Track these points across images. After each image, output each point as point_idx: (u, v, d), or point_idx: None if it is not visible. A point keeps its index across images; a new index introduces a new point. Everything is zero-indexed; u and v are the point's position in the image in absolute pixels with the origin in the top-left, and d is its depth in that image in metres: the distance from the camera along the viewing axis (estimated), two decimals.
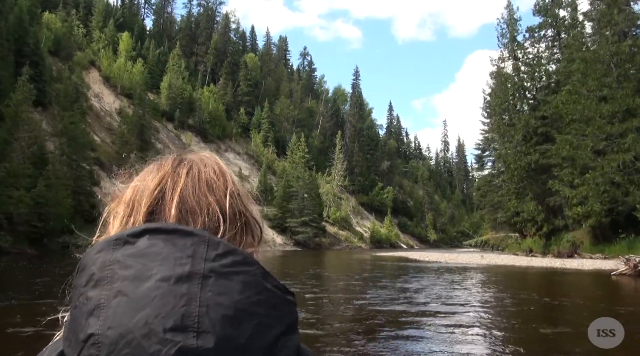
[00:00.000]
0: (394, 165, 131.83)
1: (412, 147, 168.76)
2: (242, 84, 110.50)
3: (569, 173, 38.94)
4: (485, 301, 15.36)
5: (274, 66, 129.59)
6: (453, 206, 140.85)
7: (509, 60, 50.68)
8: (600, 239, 39.50)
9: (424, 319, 11.60)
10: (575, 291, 18.83)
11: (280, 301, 0.77)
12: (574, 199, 37.96)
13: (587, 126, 36.96)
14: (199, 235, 0.77)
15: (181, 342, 0.67)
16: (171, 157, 0.97)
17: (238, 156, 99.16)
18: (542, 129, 45.76)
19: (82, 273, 0.76)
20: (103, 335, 0.69)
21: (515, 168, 46.72)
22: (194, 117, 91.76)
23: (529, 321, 11.47)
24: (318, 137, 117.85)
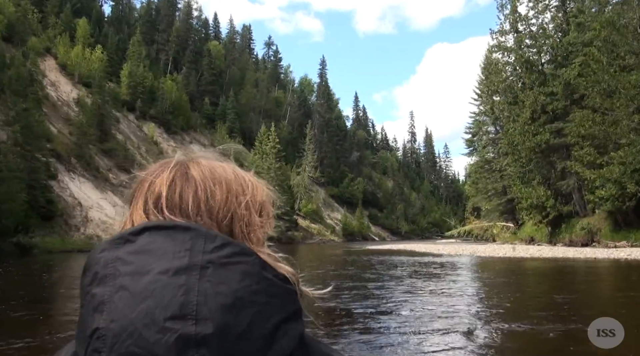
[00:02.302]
0: (363, 156, 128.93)
1: (379, 138, 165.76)
2: (206, 73, 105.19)
3: (590, 153, 35.62)
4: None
5: (239, 55, 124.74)
6: (422, 196, 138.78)
7: (510, 33, 47.11)
8: (622, 225, 36.10)
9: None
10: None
11: (280, 290, 0.77)
12: (597, 180, 34.56)
13: (611, 98, 33.77)
14: (197, 230, 0.79)
15: (180, 330, 0.69)
16: (176, 158, 0.96)
17: (203, 148, 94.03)
18: (552, 106, 42.15)
19: (87, 273, 0.79)
20: (107, 328, 0.71)
21: (523, 149, 42.96)
22: (156, 107, 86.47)
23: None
24: (286, 128, 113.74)
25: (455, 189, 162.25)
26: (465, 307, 12.09)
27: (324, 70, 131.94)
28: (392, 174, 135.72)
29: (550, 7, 45.76)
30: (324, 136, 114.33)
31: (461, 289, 15.84)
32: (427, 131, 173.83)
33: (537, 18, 46.10)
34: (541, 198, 42.40)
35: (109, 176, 64.05)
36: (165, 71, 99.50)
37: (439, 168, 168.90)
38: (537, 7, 45.60)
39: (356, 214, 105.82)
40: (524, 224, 54.62)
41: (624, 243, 33.67)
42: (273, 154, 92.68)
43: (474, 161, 69.19)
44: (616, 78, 33.27)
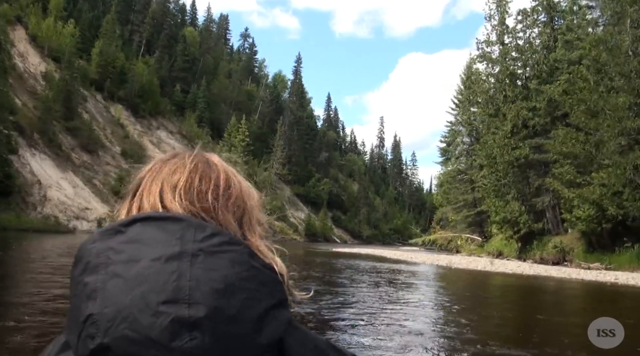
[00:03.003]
0: (331, 157, 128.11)
1: (348, 141, 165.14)
2: (179, 59, 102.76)
3: (570, 171, 35.12)
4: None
5: (214, 44, 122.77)
6: (386, 202, 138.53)
7: (496, 44, 46.48)
8: (595, 246, 35.63)
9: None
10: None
11: (268, 278, 0.81)
12: (575, 200, 34.07)
13: (596, 118, 33.31)
14: (188, 220, 0.82)
15: (174, 313, 0.72)
16: (180, 153, 1.00)
17: (171, 135, 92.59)
18: (533, 121, 41.67)
19: (78, 264, 0.80)
20: (100, 313, 0.73)
21: (501, 163, 42.36)
22: (125, 89, 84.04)
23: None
24: (257, 123, 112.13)
25: (419, 197, 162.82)
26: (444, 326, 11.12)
27: (298, 67, 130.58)
28: (359, 177, 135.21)
29: (538, 23, 45.34)
30: (294, 133, 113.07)
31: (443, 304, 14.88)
32: (396, 138, 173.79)
33: (524, 32, 45.68)
34: (515, 213, 41.84)
35: (71, 156, 61.82)
36: (137, 53, 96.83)
37: (404, 175, 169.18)
38: (526, 21, 45.15)
39: (320, 215, 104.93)
40: (492, 238, 54.23)
41: (598, 265, 33.14)
42: (241, 147, 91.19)
43: (447, 170, 68.77)
44: (604, 99, 32.78)
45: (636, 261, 31.08)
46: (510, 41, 45.94)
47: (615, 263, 32.43)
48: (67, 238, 39.88)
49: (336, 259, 34.50)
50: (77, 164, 61.78)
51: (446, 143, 69.30)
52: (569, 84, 36.91)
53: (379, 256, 43.00)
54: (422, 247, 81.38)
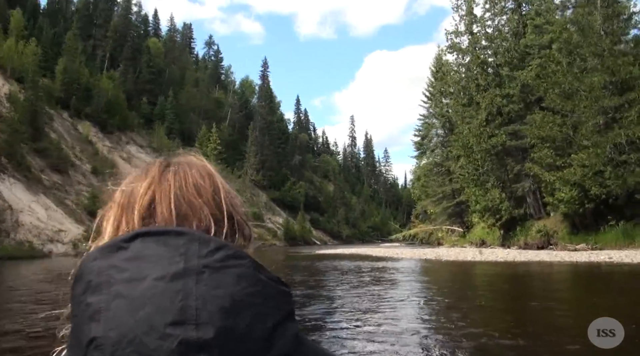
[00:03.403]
0: (305, 159, 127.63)
1: (320, 142, 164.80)
2: (145, 71, 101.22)
3: (549, 155, 35.01)
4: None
5: (179, 53, 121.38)
6: (363, 201, 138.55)
7: (466, 34, 46.28)
8: (579, 227, 35.57)
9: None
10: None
11: (275, 291, 0.78)
12: (557, 182, 33.90)
13: (572, 100, 33.31)
14: (190, 234, 0.80)
15: (182, 335, 0.69)
16: (158, 161, 0.98)
17: (141, 148, 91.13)
18: (508, 108, 41.64)
19: (79, 282, 0.78)
20: (105, 337, 0.71)
21: (478, 151, 42.20)
22: (92, 105, 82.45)
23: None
24: (227, 130, 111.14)
25: (395, 193, 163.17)
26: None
27: (265, 72, 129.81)
28: (334, 178, 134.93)
29: (506, 10, 45.31)
30: (266, 138, 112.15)
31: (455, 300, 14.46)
32: (367, 136, 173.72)
33: (493, 20, 45.63)
34: (496, 201, 41.77)
35: (41, 177, 60.34)
36: (102, 67, 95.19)
37: (378, 173, 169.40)
38: (494, 8, 45.08)
39: (298, 218, 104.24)
40: (473, 228, 54.22)
41: (584, 246, 33.13)
42: (214, 156, 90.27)
43: (423, 163, 68.66)
44: (579, 80, 32.83)
45: (622, 238, 31.19)
46: (479, 30, 45.85)
47: (601, 242, 32.51)
48: (43, 262, 38.81)
49: (320, 261, 34.00)
50: (47, 186, 60.38)
51: (420, 137, 69.19)
52: (541, 68, 36.96)
53: (363, 254, 42.50)
54: (403, 242, 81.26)
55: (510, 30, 44.10)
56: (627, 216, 32.37)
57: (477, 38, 45.54)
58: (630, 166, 30.22)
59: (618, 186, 30.38)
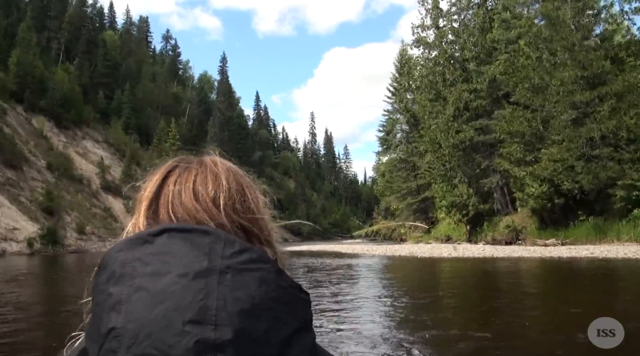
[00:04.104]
0: (265, 156, 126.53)
1: (280, 138, 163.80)
2: (101, 65, 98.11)
3: (518, 150, 34.95)
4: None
5: (135, 47, 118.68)
6: (323, 197, 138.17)
7: (432, 29, 45.89)
8: (548, 223, 35.55)
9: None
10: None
11: (295, 298, 0.78)
12: (526, 178, 33.87)
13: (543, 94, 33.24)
14: (216, 234, 0.79)
15: (199, 334, 0.69)
16: (169, 161, 0.97)
17: (97, 144, 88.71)
18: (476, 103, 41.46)
19: (103, 271, 0.79)
20: (124, 328, 0.71)
21: (446, 147, 41.90)
22: (47, 99, 79.84)
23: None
24: (186, 125, 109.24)
25: (355, 190, 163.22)
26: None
27: (224, 67, 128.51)
28: (294, 174, 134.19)
29: (472, 4, 45.21)
30: (225, 134, 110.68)
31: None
32: (327, 133, 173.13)
33: (459, 14, 45.49)
34: (463, 196, 41.66)
35: None
36: (57, 60, 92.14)
37: (338, 169, 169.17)
38: (460, 3, 44.95)
39: None
40: (438, 224, 54.12)
41: (553, 241, 33.11)
42: (173, 152, 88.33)
43: (388, 159, 68.36)
44: (550, 74, 32.78)
45: (594, 233, 31.18)
46: (445, 24, 45.64)
47: (571, 237, 32.56)
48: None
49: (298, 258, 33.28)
50: (1, 182, 58.19)
51: (385, 132, 68.91)
52: (509, 63, 36.88)
53: (332, 252, 41.83)
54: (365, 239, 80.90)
55: (477, 25, 43.90)
56: (597, 211, 32.51)
57: (443, 32, 45.30)
58: (602, 161, 30.22)
59: (589, 181, 30.39)
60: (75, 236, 60.65)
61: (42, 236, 54.31)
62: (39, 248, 52.46)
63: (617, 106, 29.72)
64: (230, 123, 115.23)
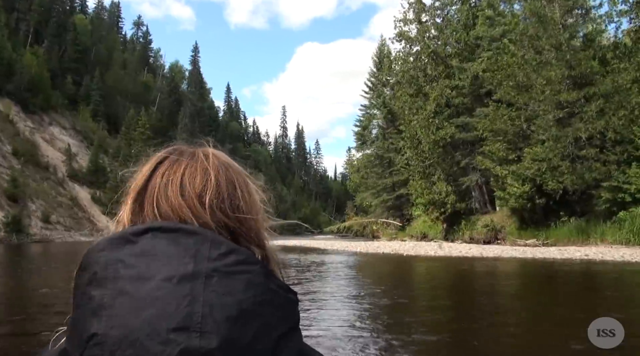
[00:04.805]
0: (236, 148, 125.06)
1: (251, 131, 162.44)
2: (70, 49, 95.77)
3: (501, 148, 34.60)
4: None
5: (106, 32, 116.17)
6: (293, 192, 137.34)
7: (414, 23, 45.13)
8: (528, 223, 35.20)
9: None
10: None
11: (283, 301, 0.76)
12: (508, 177, 33.42)
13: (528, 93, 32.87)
14: (202, 234, 0.77)
15: (184, 343, 0.67)
16: (160, 153, 0.93)
17: (64, 130, 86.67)
18: (458, 100, 40.84)
19: (84, 272, 0.76)
20: (106, 335, 0.68)
21: (426, 143, 41.14)
22: (14, 82, 77.48)
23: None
24: (156, 115, 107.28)
25: (325, 185, 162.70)
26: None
27: (196, 57, 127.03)
28: (265, 168, 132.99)
29: (456, 0, 44.74)
30: (196, 125, 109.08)
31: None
32: (299, 127, 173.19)
33: (442, 10, 44.96)
34: (442, 194, 41.11)
35: None
36: (25, 43, 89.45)
37: (309, 164, 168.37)
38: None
39: None
40: (413, 221, 53.68)
41: (534, 241, 32.81)
42: (142, 142, 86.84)
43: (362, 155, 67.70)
44: (537, 72, 32.41)
45: (576, 234, 30.89)
46: (427, 19, 45.06)
47: (552, 238, 32.26)
48: None
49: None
50: None
51: (361, 127, 68.22)
52: (493, 60, 36.47)
53: (309, 247, 40.91)
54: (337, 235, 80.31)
55: (461, 20, 43.40)
56: (578, 212, 32.28)
57: (426, 27, 44.71)
58: (588, 162, 29.92)
59: (574, 182, 30.09)
60: (40, 225, 58.91)
61: (6, 223, 52.61)
62: (3, 236, 50.79)
63: (605, 106, 29.43)
64: (201, 114, 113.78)
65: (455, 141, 41.16)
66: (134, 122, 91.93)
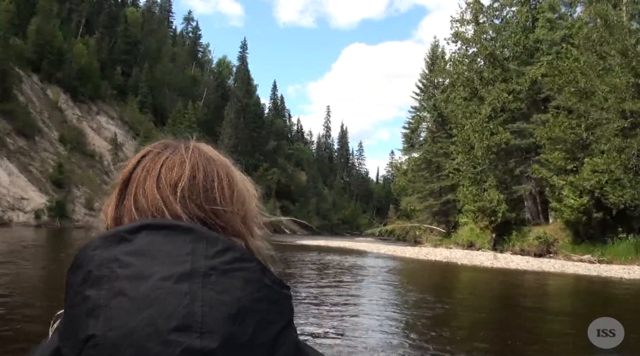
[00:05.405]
0: (279, 146, 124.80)
1: (295, 130, 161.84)
2: (120, 41, 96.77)
3: (559, 157, 33.07)
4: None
5: (157, 26, 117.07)
6: (334, 192, 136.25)
7: (471, 24, 43.88)
8: (583, 237, 33.61)
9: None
10: None
11: (279, 296, 0.76)
12: (566, 188, 31.87)
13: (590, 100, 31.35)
14: (198, 231, 0.76)
15: (185, 343, 0.67)
16: (146, 148, 0.92)
17: (111, 120, 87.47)
18: (515, 105, 39.21)
19: (77, 271, 0.74)
20: (104, 336, 0.67)
21: (479, 148, 39.67)
22: (64, 70, 78.27)
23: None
24: (202, 109, 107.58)
25: (367, 187, 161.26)
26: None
27: (244, 53, 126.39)
28: (307, 167, 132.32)
29: (515, 1, 43.20)
30: (241, 121, 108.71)
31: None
32: (343, 128, 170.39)
33: (500, 11, 43.50)
34: (493, 202, 39.55)
35: (6, 141, 56.73)
36: (76, 33, 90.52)
37: (351, 165, 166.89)
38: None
39: (269, 206, 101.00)
40: (459, 228, 52.18)
41: (589, 257, 31.22)
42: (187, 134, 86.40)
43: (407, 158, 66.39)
44: (600, 79, 30.82)
45: (635, 252, 29.22)
46: (484, 21, 43.64)
47: (608, 255, 30.58)
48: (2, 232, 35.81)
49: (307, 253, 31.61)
50: (12, 150, 56.77)
51: (410, 130, 66.88)
52: (553, 65, 35.07)
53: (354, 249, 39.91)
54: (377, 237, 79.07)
55: (520, 22, 41.84)
56: (636, 229, 30.63)
57: (483, 28, 43.29)
58: None
59: (635, 197, 28.47)
60: (83, 211, 59.30)
61: (50, 208, 52.97)
62: (46, 221, 51.16)
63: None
64: (247, 110, 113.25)
65: (510, 147, 39.61)
66: (181, 115, 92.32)
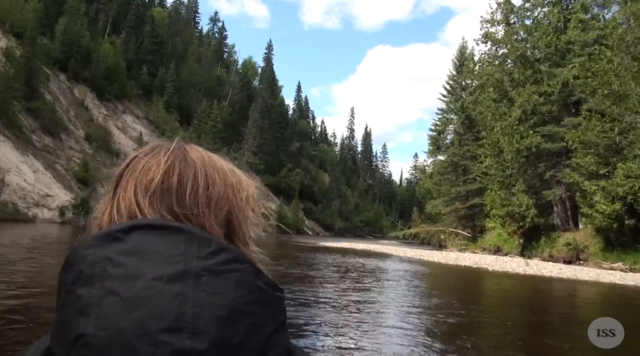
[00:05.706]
0: (303, 147, 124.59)
1: (319, 131, 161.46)
2: (147, 41, 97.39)
3: (592, 162, 32.23)
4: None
5: (183, 26, 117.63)
6: (357, 194, 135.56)
7: (502, 24, 43.08)
8: (614, 244, 32.76)
9: None
10: None
11: (272, 299, 0.76)
12: (597, 193, 31.10)
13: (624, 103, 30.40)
14: (190, 232, 0.76)
15: (175, 344, 0.66)
16: (142, 149, 0.92)
17: (137, 119, 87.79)
18: (545, 107, 38.33)
19: (70, 270, 0.74)
20: (94, 336, 0.67)
21: (509, 152, 38.91)
22: (90, 70, 78.81)
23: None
24: (227, 109, 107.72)
25: (390, 190, 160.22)
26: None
27: (270, 54, 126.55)
28: (330, 168, 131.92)
29: (547, 2, 42.26)
30: (266, 121, 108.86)
31: None
32: (367, 130, 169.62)
33: (532, 11, 42.60)
34: (522, 206, 38.65)
35: (32, 138, 56.98)
36: (103, 32, 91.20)
37: (374, 167, 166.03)
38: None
39: (292, 206, 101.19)
40: (485, 233, 51.34)
41: (620, 265, 30.32)
42: (212, 134, 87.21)
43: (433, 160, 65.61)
44: (635, 81, 29.91)
45: None
46: (515, 21, 42.79)
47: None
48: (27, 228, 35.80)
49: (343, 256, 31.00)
50: (38, 148, 57.00)
51: (437, 132, 66.01)
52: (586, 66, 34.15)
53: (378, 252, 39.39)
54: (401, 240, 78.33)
55: (552, 23, 40.90)
56: None
57: (514, 29, 42.42)
58: None
59: None
60: None
61: (75, 205, 53.04)
62: (71, 218, 51.20)
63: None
64: (272, 111, 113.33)
65: (540, 151, 38.67)
66: (206, 115, 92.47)
